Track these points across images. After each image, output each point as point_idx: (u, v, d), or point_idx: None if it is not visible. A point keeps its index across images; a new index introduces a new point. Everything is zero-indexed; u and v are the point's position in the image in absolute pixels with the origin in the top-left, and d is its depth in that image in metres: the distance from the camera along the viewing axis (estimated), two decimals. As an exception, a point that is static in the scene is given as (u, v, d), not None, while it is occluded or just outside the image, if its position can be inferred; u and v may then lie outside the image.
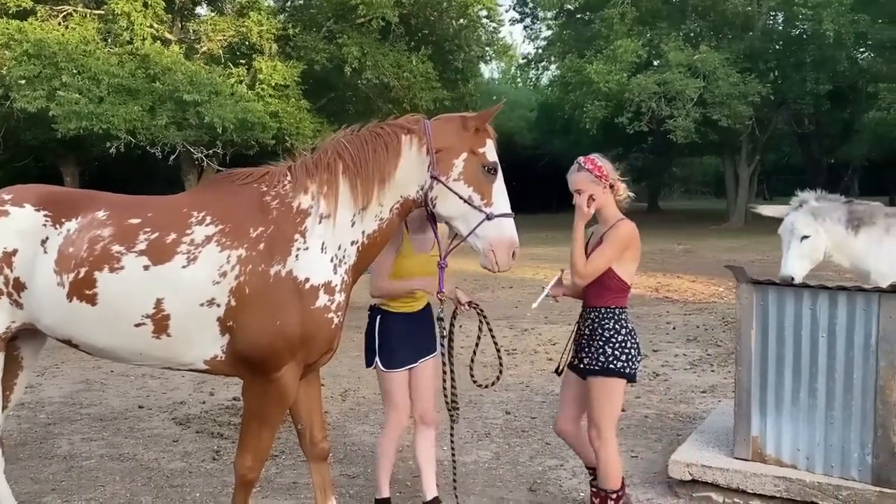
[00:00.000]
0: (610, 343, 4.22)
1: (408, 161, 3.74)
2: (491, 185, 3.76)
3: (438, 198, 3.76)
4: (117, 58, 20.88)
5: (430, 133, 3.75)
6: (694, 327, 10.75)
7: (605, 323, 4.26)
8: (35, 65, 19.39)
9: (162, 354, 3.75)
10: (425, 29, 25.05)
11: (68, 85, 19.06)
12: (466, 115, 3.84)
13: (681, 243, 23.94)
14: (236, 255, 3.61)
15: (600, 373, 4.20)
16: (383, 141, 3.74)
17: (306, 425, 4.14)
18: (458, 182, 3.73)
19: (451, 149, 3.74)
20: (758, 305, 4.76)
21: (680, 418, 6.63)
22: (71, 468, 5.78)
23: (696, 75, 25.02)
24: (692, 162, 53.14)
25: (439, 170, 3.72)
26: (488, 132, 3.82)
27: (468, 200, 3.72)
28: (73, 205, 3.79)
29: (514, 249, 3.78)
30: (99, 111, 19.13)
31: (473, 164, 3.74)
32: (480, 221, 3.72)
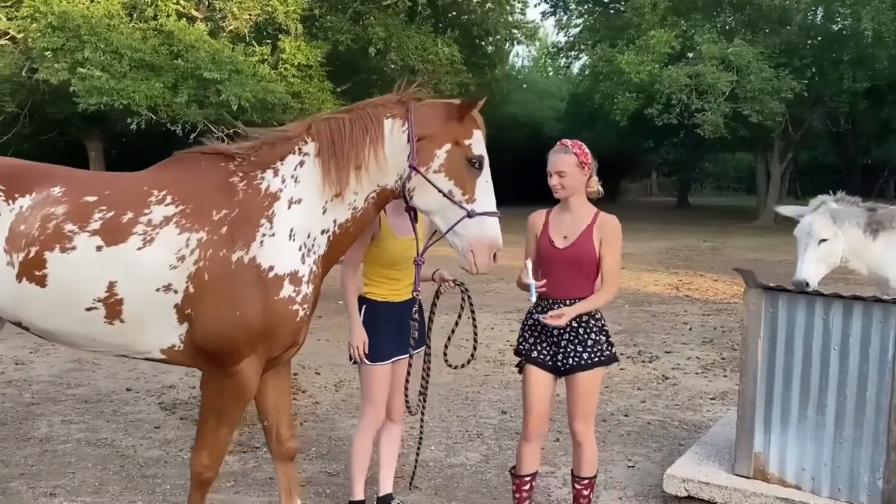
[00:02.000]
0: (603, 332, 4.07)
1: (388, 148, 3.47)
2: (475, 180, 3.47)
3: (416, 189, 3.49)
4: (141, 33, 20.72)
5: (413, 119, 3.46)
6: (711, 329, 10.38)
7: (594, 312, 4.05)
8: (59, 37, 19.31)
9: (115, 341, 3.52)
10: (453, 11, 24.66)
11: (90, 59, 18.95)
12: (453, 101, 3.55)
13: (707, 240, 23.45)
14: (196, 238, 3.36)
15: (604, 363, 4.04)
16: (362, 124, 3.47)
17: (273, 422, 3.90)
18: (439, 174, 3.45)
19: (433, 137, 3.45)
20: (766, 312, 4.43)
21: (685, 426, 6.30)
22: (45, 452, 5.59)
23: (728, 69, 24.37)
24: (724, 158, 52.29)
25: (419, 159, 3.44)
26: (476, 123, 3.52)
27: (448, 195, 3.45)
28: (28, 180, 3.54)
29: (496, 251, 3.49)
30: (120, 87, 18.97)
31: (457, 155, 3.45)
32: (460, 218, 3.45)
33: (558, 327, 3.95)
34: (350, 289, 4.30)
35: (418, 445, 4.54)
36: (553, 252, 4.03)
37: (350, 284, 4.30)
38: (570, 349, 4.00)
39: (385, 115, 3.49)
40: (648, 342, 9.48)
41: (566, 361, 4.00)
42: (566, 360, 4.01)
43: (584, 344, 3.99)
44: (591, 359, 3.98)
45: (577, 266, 3.96)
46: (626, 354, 8.79)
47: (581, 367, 3.99)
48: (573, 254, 3.98)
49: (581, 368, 3.99)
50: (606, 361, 4.06)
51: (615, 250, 4.00)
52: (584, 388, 4.03)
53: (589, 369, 3.99)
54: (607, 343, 4.07)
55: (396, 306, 4.26)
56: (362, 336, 4.24)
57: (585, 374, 4.00)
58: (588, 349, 3.99)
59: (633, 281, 14.96)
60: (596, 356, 4.00)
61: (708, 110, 24.53)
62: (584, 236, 3.99)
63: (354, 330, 4.26)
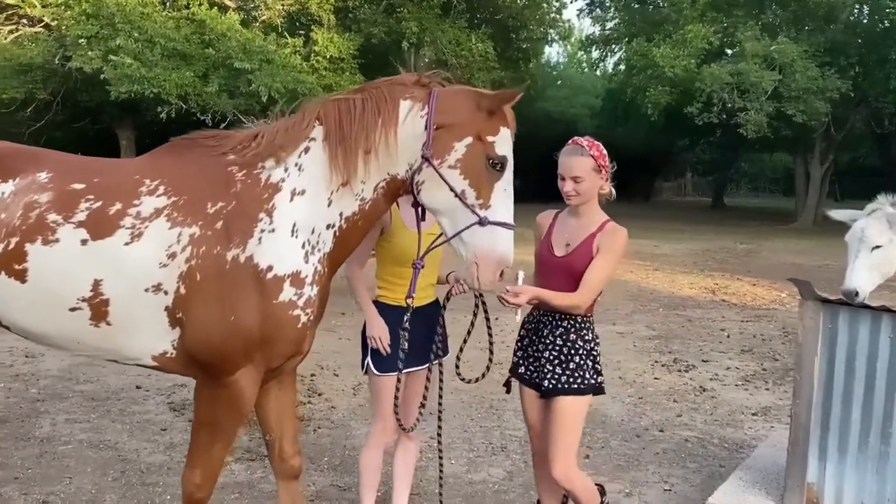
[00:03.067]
0: (591, 356, 3.59)
1: (402, 132, 3.06)
2: (493, 184, 3.04)
3: (426, 184, 3.07)
4: (174, 22, 20.58)
5: (434, 104, 3.05)
6: (750, 336, 9.87)
7: (584, 333, 3.59)
8: (93, 25, 19.22)
9: (102, 345, 3.18)
10: (488, 6, 24.22)
11: (123, 47, 18.83)
12: (485, 91, 3.11)
13: (743, 242, 22.81)
14: (188, 233, 3.00)
15: (585, 391, 3.54)
16: (375, 104, 3.07)
17: (276, 436, 3.54)
18: (454, 170, 3.03)
19: (455, 128, 3.02)
20: (825, 328, 3.99)
21: (725, 445, 5.86)
22: (44, 453, 5.31)
23: (772, 67, 23.66)
24: (762, 158, 51.25)
25: (434, 150, 3.02)
26: (506, 119, 3.09)
27: (460, 195, 3.02)
28: (13, 164, 3.21)
29: (504, 268, 3.06)
30: (151, 75, 18.86)
31: (477, 152, 3.02)
32: (470, 224, 3.02)
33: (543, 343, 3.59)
34: (358, 283, 3.93)
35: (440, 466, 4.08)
36: (551, 260, 3.63)
37: (357, 279, 3.93)
38: (549, 370, 3.57)
39: (403, 95, 3.09)
40: (684, 349, 9.03)
41: (544, 383, 3.58)
42: (544, 381, 3.58)
43: (564, 366, 3.55)
44: (570, 384, 3.52)
45: (574, 277, 3.48)
46: (660, 362, 8.36)
47: (560, 391, 3.54)
48: (570, 264, 3.54)
49: (560, 392, 3.54)
50: (587, 390, 3.55)
51: (606, 260, 3.49)
52: (561, 416, 3.55)
53: (568, 395, 3.53)
54: (593, 370, 3.58)
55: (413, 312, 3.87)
56: (382, 326, 3.85)
57: (564, 399, 3.54)
58: (568, 372, 3.54)
59: (667, 283, 14.47)
60: (576, 382, 3.53)
61: (751, 109, 23.85)
62: (585, 246, 3.55)
63: (372, 321, 3.88)
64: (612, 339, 9.54)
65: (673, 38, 24.35)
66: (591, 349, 3.57)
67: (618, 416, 6.45)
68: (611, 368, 8.03)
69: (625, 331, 10.03)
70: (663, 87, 24.74)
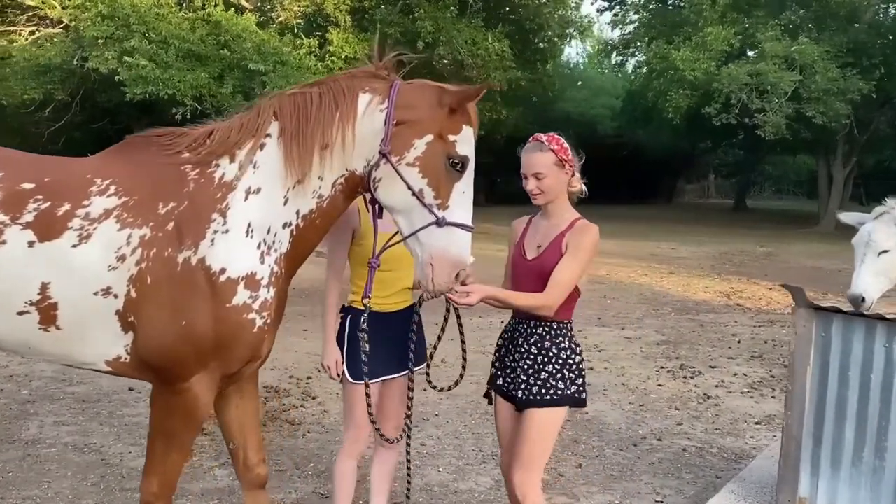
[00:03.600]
0: (568, 365, 3.39)
1: (360, 127, 2.94)
2: (452, 184, 2.92)
3: (383, 181, 2.96)
4: (189, 23, 20.61)
5: (395, 98, 2.93)
6: (762, 342, 9.65)
7: (559, 341, 3.40)
8: (108, 26, 19.29)
9: (54, 350, 3.08)
10: (505, 6, 24.07)
11: (137, 48, 18.89)
12: (447, 87, 2.99)
13: (763, 245, 22.48)
14: (138, 235, 2.89)
15: (557, 402, 3.36)
16: (332, 97, 2.95)
17: (239, 445, 3.42)
18: (412, 168, 2.91)
19: (415, 124, 2.91)
20: (818, 337, 3.82)
21: (724, 454, 5.67)
22: (27, 456, 5.25)
23: (791, 68, 23.30)
24: (785, 160, 50.63)
25: (392, 146, 2.91)
26: (469, 118, 2.96)
27: (417, 194, 2.90)
28: None
29: (460, 270, 2.93)
30: (165, 76, 18.91)
31: (437, 151, 2.90)
32: (427, 224, 2.90)
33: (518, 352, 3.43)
34: (330, 298, 3.81)
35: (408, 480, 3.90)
36: (523, 263, 3.47)
37: (331, 293, 3.82)
38: (523, 380, 3.40)
39: (363, 88, 2.97)
40: (692, 355, 8.83)
41: (518, 394, 3.41)
42: (518, 392, 3.42)
43: (537, 376, 3.37)
44: (543, 395, 3.35)
45: (544, 279, 3.31)
46: (666, 368, 8.17)
47: (533, 403, 3.37)
48: (541, 265, 3.37)
49: (533, 404, 3.37)
50: (560, 402, 3.36)
51: (575, 258, 3.28)
52: (531, 430, 3.37)
53: (541, 407, 3.36)
54: (571, 382, 3.39)
55: (384, 317, 3.74)
56: (334, 354, 3.76)
57: (536, 412, 3.36)
58: (539, 383, 3.36)
59: (682, 287, 14.25)
60: (548, 393, 3.35)
61: (769, 111, 23.50)
62: (554, 245, 3.38)
63: (326, 345, 3.77)
64: (620, 344, 9.37)
65: (693, 41, 24.04)
66: (568, 358, 3.38)
67: (616, 423, 6.28)
68: (615, 374, 7.87)
69: (633, 335, 9.85)
70: (684, 91, 24.45)
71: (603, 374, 7.85)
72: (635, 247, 20.99)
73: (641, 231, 25.68)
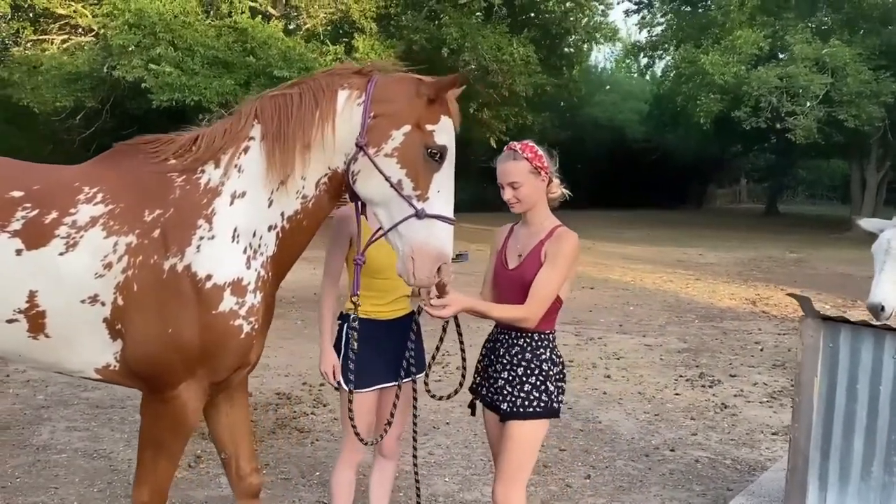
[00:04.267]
0: (550, 378, 3.33)
1: (340, 123, 2.93)
2: (431, 175, 2.89)
3: (361, 173, 2.93)
4: (215, 30, 20.80)
5: (372, 91, 2.92)
6: (785, 350, 9.46)
7: (540, 352, 3.35)
8: (135, 34, 19.52)
9: (44, 358, 3.09)
10: (531, 11, 23.99)
11: (163, 56, 19.09)
12: (424, 78, 2.97)
13: (793, 251, 22.13)
14: (125, 242, 2.89)
15: (540, 415, 3.31)
16: (312, 96, 2.95)
17: (231, 454, 3.40)
18: (390, 159, 2.88)
19: (393, 115, 2.89)
20: (826, 348, 3.72)
21: (738, 466, 5.56)
22: (37, 462, 5.29)
23: (823, 71, 22.95)
24: (818, 164, 49.89)
25: (369, 138, 2.89)
26: (447, 108, 2.94)
27: (396, 185, 2.88)
28: None
29: (442, 264, 2.88)
30: (192, 83, 19.10)
31: (415, 141, 2.88)
32: (406, 217, 2.87)
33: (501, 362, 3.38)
34: (326, 303, 3.78)
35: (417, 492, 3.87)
36: (504, 273, 3.42)
37: (327, 298, 3.79)
38: (507, 391, 3.35)
39: (341, 84, 2.96)
40: (712, 363, 8.69)
41: (502, 406, 3.36)
42: (502, 404, 3.36)
43: (519, 388, 3.32)
44: (525, 407, 3.30)
45: (525, 289, 3.26)
46: (685, 377, 8.04)
47: (515, 416, 3.31)
48: (521, 275, 3.31)
49: (514, 416, 3.31)
50: (542, 414, 3.31)
51: (554, 267, 3.23)
52: (510, 441, 3.32)
53: (524, 419, 3.30)
54: (553, 394, 3.33)
55: (381, 325, 3.71)
56: (331, 359, 3.72)
57: (518, 425, 3.31)
58: (522, 395, 3.31)
59: (707, 293, 14.06)
60: (531, 405, 3.30)
61: (800, 114, 23.17)
62: (533, 254, 3.33)
63: (323, 354, 3.74)
64: (640, 351, 9.25)
65: (721, 45, 23.77)
66: (549, 369, 3.33)
67: (629, 433, 6.19)
68: (632, 383, 7.76)
69: (654, 343, 9.72)
70: (714, 95, 24.18)
71: (620, 383, 7.75)
72: (662, 253, 20.79)
73: (669, 237, 25.42)
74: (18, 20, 22.81)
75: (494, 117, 25.00)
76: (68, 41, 23.29)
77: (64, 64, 21.27)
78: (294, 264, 3.17)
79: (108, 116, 24.60)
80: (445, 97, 2.92)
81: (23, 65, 22.21)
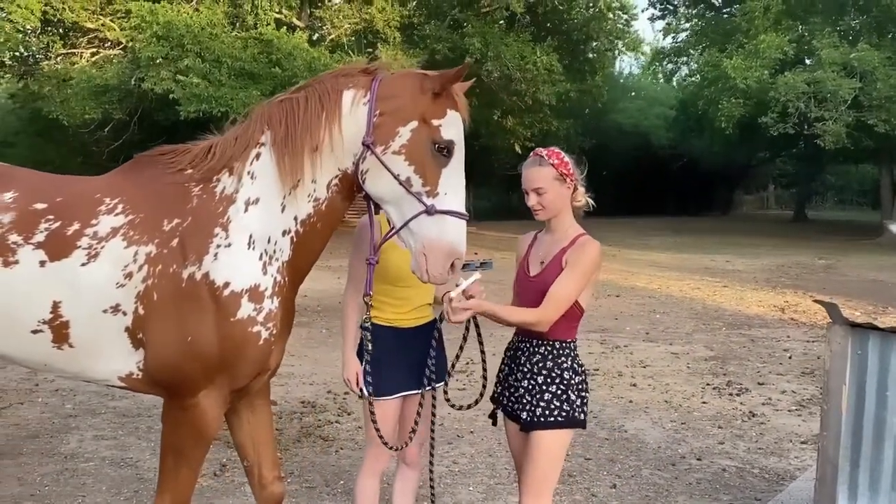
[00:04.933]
0: (572, 387, 3.29)
1: (346, 124, 2.93)
2: (440, 170, 2.88)
3: (369, 172, 2.93)
4: (242, 42, 21.00)
5: (377, 89, 2.92)
6: (814, 358, 9.33)
7: (561, 361, 3.31)
8: (163, 46, 19.77)
9: (69, 368, 3.11)
10: (554, 19, 23.99)
11: (191, 67, 19.30)
12: (429, 73, 2.96)
13: (822, 257, 21.86)
14: (145, 252, 2.91)
15: (563, 425, 3.27)
16: (318, 99, 2.95)
17: (253, 462, 3.40)
18: (398, 157, 2.87)
19: (398, 112, 2.88)
20: (854, 355, 3.66)
21: (765, 475, 5.48)
22: (65, 470, 5.32)
23: (851, 75, 22.70)
24: (848, 170, 49.32)
25: (376, 137, 2.88)
26: (453, 102, 2.92)
27: (404, 182, 2.87)
28: None
29: (455, 259, 2.87)
30: (218, 94, 19.30)
31: (422, 137, 2.86)
32: (417, 213, 2.86)
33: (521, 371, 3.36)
34: (349, 311, 3.78)
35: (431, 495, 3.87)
36: (525, 280, 3.40)
37: (350, 306, 3.78)
38: (528, 400, 3.33)
39: (346, 85, 2.97)
40: (740, 371, 8.59)
41: (523, 415, 3.33)
42: (522, 412, 3.34)
43: (540, 397, 3.29)
44: (547, 416, 3.26)
45: (544, 298, 3.23)
46: (712, 385, 7.95)
47: (537, 425, 3.28)
48: (543, 282, 3.28)
49: (537, 426, 3.28)
50: (564, 424, 3.27)
51: (573, 274, 3.21)
52: (534, 450, 3.29)
53: (545, 428, 3.27)
54: (573, 401, 3.29)
55: (403, 333, 3.70)
56: (354, 367, 3.71)
57: (542, 435, 3.28)
58: (543, 404, 3.28)
59: (734, 301, 13.91)
60: (552, 415, 3.26)
61: (828, 119, 22.93)
62: (555, 262, 3.30)
63: (346, 362, 3.74)
64: (667, 360, 9.16)
65: (745, 49, 23.60)
66: (570, 378, 3.30)
67: (655, 442, 6.12)
68: (658, 391, 7.69)
69: (680, 351, 9.63)
70: (736, 100, 24.00)
71: (646, 391, 7.68)
72: (689, 260, 20.64)
73: (696, 244, 25.23)
74: (48, 34, 23.17)
75: (518, 124, 25.04)
76: (97, 54, 23.64)
77: (93, 77, 21.59)
78: (311, 268, 3.17)
79: (136, 128, 24.92)
80: (451, 90, 2.92)
81: (52, 78, 22.56)
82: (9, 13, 19.90)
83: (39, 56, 24.24)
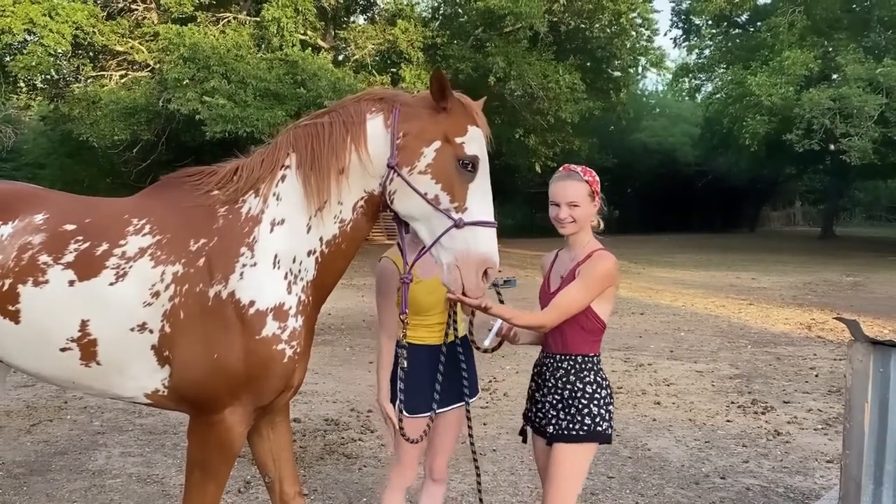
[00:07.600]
0: (595, 400, 3.33)
1: (372, 147, 3.01)
2: (466, 185, 2.95)
3: (397, 193, 3.01)
4: (267, 63, 21.26)
5: (399, 112, 3.00)
6: (841, 376, 9.20)
7: (584, 375, 3.35)
8: (190, 68, 20.08)
9: (96, 385, 3.19)
10: (576, 37, 24.07)
11: (217, 88, 19.57)
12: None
13: (850, 275, 21.60)
14: (172, 271, 2.99)
15: (585, 438, 3.30)
16: (342, 123, 3.04)
17: (275, 478, 3.46)
18: (424, 176, 2.95)
19: (421, 133, 2.97)
20: (876, 372, 3.65)
21: (790, 495, 5.43)
22: (92, 486, 5.40)
23: (877, 91, 22.53)
24: (876, 185, 48.77)
25: (401, 158, 2.96)
26: (472, 118, 3.01)
27: (432, 201, 2.94)
28: (14, 205, 3.27)
29: (488, 268, 2.92)
30: (244, 115, 19.54)
31: (447, 155, 2.95)
32: (447, 229, 2.92)
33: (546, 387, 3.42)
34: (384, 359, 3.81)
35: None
36: (547, 296, 3.45)
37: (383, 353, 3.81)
38: (553, 415, 3.37)
39: (370, 110, 3.05)
40: (766, 389, 8.52)
41: (549, 429, 3.38)
42: (548, 427, 3.38)
43: (565, 411, 3.33)
44: (570, 430, 3.30)
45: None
46: (737, 403, 7.90)
47: (560, 438, 3.32)
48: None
49: (560, 439, 3.32)
50: (586, 438, 3.30)
51: (582, 283, 3.26)
52: (556, 465, 3.33)
53: (567, 441, 3.31)
54: (597, 416, 3.32)
55: (435, 350, 3.70)
56: (387, 399, 3.76)
57: (565, 448, 3.31)
58: (568, 418, 3.32)
59: (760, 318, 13.80)
60: (574, 429, 3.30)
61: (854, 135, 22.74)
62: (570, 276, 3.36)
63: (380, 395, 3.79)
64: (691, 377, 9.11)
65: (770, 66, 23.53)
66: (594, 392, 3.33)
67: (678, 461, 6.09)
68: (682, 410, 7.65)
69: (705, 369, 9.57)
70: (761, 116, 23.90)
71: (670, 410, 7.64)
72: (714, 277, 20.50)
73: (721, 261, 25.05)
74: (79, 58, 23.59)
75: (540, 143, 25.07)
76: (125, 76, 24.06)
77: (121, 98, 21.96)
78: (334, 288, 3.23)
79: (164, 148, 25.26)
80: (467, 107, 3.00)
81: (82, 100, 22.95)
82: (41, 37, 20.29)
83: (70, 79, 24.68)
